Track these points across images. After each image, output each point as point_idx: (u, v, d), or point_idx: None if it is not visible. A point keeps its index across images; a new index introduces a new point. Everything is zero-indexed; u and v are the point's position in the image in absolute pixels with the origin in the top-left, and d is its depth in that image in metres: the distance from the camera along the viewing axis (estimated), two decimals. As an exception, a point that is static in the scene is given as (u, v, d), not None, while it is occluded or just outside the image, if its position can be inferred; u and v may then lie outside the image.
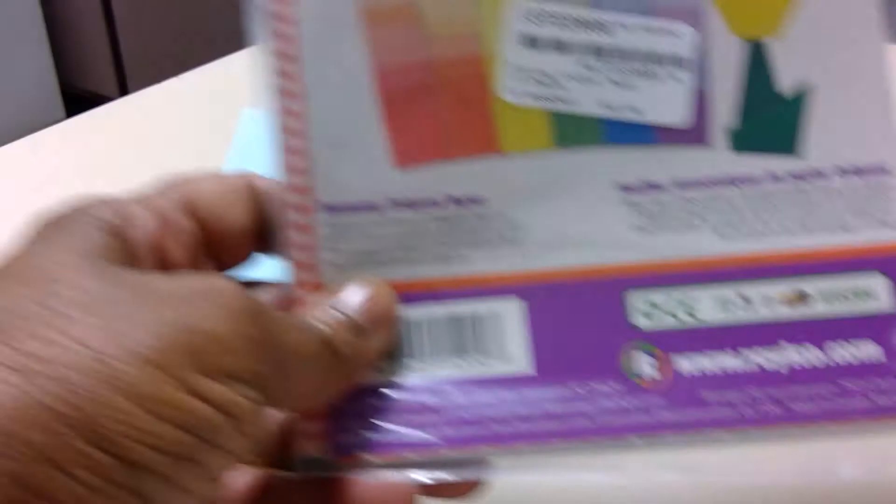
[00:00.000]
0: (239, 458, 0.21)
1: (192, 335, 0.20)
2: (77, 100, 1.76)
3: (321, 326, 0.24)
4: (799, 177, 0.28)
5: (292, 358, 0.23)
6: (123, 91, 1.79)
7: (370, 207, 0.27)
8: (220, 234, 0.27)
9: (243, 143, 0.58)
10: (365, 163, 0.27)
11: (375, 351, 0.26)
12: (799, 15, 0.28)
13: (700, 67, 0.28)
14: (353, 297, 0.25)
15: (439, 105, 0.27)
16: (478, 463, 0.26)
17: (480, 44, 0.27)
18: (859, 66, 0.28)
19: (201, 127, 0.61)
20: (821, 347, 0.26)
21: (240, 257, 0.28)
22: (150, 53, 1.75)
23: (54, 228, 0.23)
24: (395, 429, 0.26)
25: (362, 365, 0.25)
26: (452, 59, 0.27)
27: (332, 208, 0.26)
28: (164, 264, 0.25)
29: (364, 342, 0.25)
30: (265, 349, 0.21)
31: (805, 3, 0.28)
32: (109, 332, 0.19)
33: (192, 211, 0.26)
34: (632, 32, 0.28)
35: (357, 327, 0.25)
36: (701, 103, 0.28)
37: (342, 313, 0.25)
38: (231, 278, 0.22)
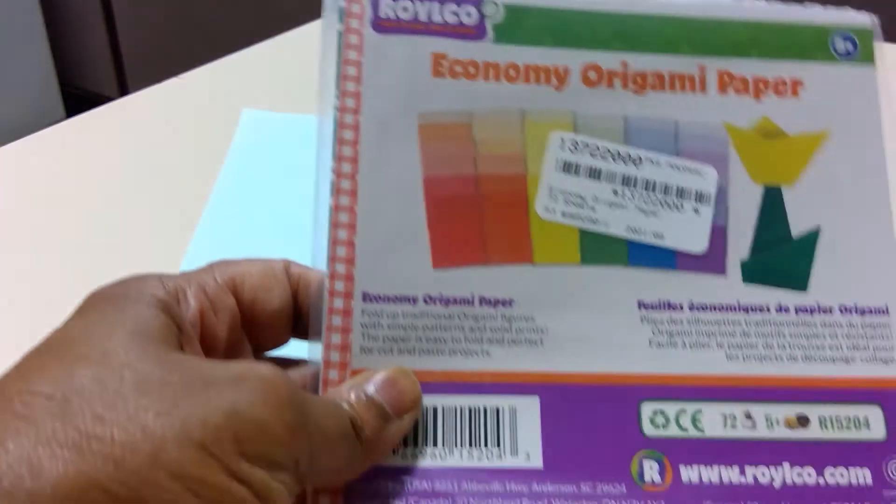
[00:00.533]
0: None
1: (238, 421, 0.21)
2: (77, 99, 1.75)
3: (350, 410, 0.26)
4: (804, 310, 0.30)
5: (324, 442, 0.24)
6: (123, 91, 1.78)
7: (405, 300, 0.29)
8: (259, 315, 0.29)
9: (243, 143, 0.58)
10: (405, 260, 0.29)
11: (398, 436, 0.27)
12: (812, 167, 0.31)
13: (720, 204, 0.31)
14: (382, 384, 0.27)
15: (480, 215, 0.30)
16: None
17: (523, 165, 0.31)
18: (866, 215, 0.31)
19: (201, 127, 0.61)
20: (818, 470, 0.27)
21: (276, 338, 0.30)
22: (151, 53, 1.75)
23: (112, 307, 0.24)
24: None
25: (385, 449, 0.27)
26: (496, 176, 0.30)
27: (370, 297, 0.29)
28: (207, 340, 0.27)
29: (388, 428, 0.26)
30: (302, 436, 0.23)
31: (818, 157, 0.31)
32: (162, 414, 0.20)
33: (236, 292, 0.28)
34: (660, 168, 0.31)
35: (384, 413, 0.26)
36: (719, 236, 0.30)
37: (371, 399, 0.26)
38: (273, 365, 0.24)
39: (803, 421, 0.28)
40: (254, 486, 0.21)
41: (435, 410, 0.28)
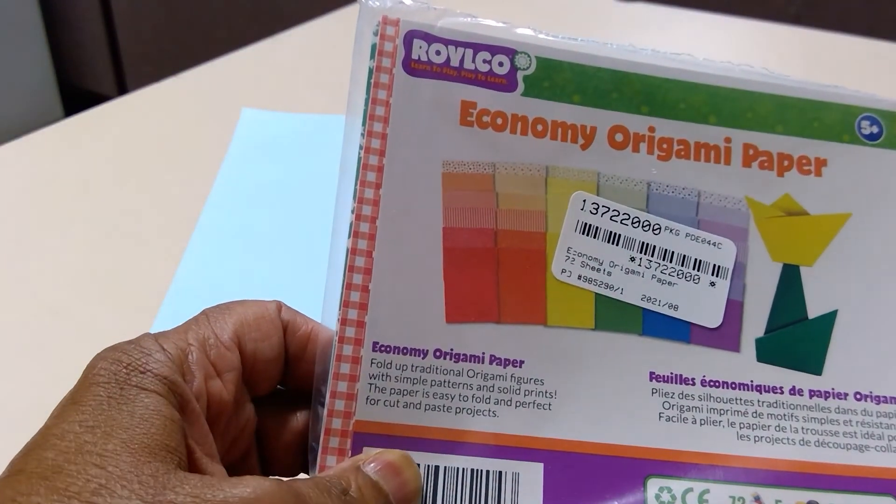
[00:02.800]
0: None
1: None
2: (76, 98, 1.74)
3: (359, 498, 0.24)
4: (819, 395, 0.29)
5: None
6: (122, 90, 1.77)
7: (415, 352, 0.28)
8: (258, 365, 0.28)
9: (242, 142, 0.58)
10: (419, 312, 0.28)
11: None
12: (832, 248, 0.31)
13: (737, 279, 0.30)
14: (386, 469, 0.26)
15: (496, 271, 0.29)
16: None
17: (544, 223, 0.30)
18: (884, 301, 0.30)
19: (200, 126, 0.61)
20: None
21: (270, 384, 0.29)
22: (149, 52, 1.74)
23: (114, 399, 0.23)
24: None
25: None
26: (516, 232, 0.30)
27: (380, 347, 0.28)
28: (214, 406, 0.26)
29: None
30: None
31: (838, 239, 0.31)
32: None
33: (240, 345, 0.27)
34: (679, 238, 0.31)
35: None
36: (735, 311, 0.30)
37: (378, 487, 0.25)
38: (278, 482, 0.23)
39: None
40: None
41: (436, 470, 0.27)
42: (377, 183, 0.29)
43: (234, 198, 0.52)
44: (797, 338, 0.30)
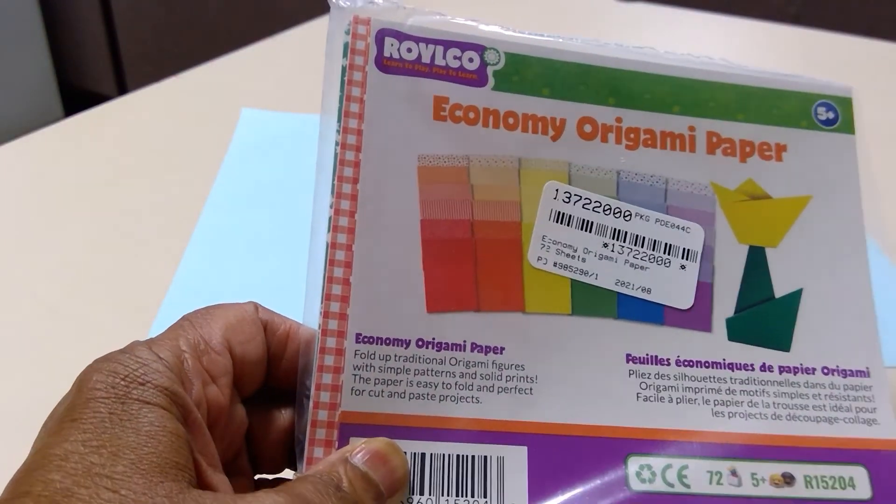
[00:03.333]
0: None
1: None
2: (76, 98, 1.73)
3: (349, 491, 0.25)
4: (788, 370, 0.30)
5: None
6: (122, 90, 1.76)
7: (398, 342, 0.29)
8: (246, 367, 0.28)
9: (242, 142, 0.58)
10: (400, 303, 0.29)
11: None
12: (795, 230, 0.32)
13: (706, 262, 0.31)
14: (373, 458, 0.26)
15: (475, 261, 0.30)
16: None
17: (518, 213, 0.31)
18: (846, 278, 0.32)
19: (200, 126, 0.61)
20: None
21: (255, 385, 0.29)
22: (149, 52, 1.74)
23: (115, 415, 0.23)
24: None
25: None
26: (492, 223, 0.30)
27: (363, 338, 0.28)
28: (213, 411, 0.26)
29: None
30: None
31: (800, 220, 0.32)
32: None
33: (230, 349, 0.27)
34: (649, 223, 0.31)
35: (379, 494, 0.26)
36: (705, 293, 0.31)
37: (367, 478, 0.26)
38: (289, 493, 0.23)
39: (789, 479, 0.29)
40: None
41: (423, 457, 0.28)
42: (354, 178, 0.29)
43: (234, 198, 0.52)
44: (765, 316, 0.31)
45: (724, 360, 0.30)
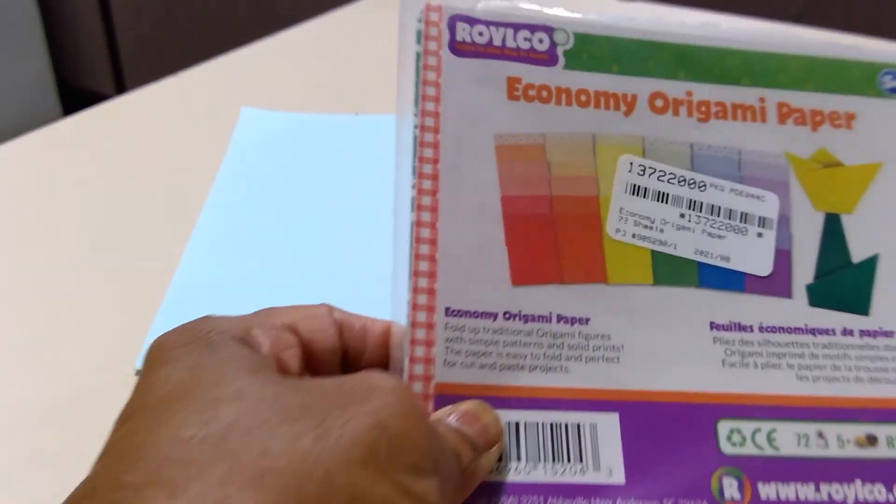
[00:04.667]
0: None
1: (387, 435, 0.21)
2: (74, 98, 1.73)
3: (451, 442, 0.26)
4: (868, 334, 0.31)
5: (441, 453, 0.24)
6: (121, 89, 1.75)
7: (486, 315, 0.29)
8: (316, 354, 0.28)
9: (242, 142, 0.57)
10: (485, 276, 0.30)
11: (487, 470, 0.27)
12: (868, 195, 0.32)
13: (783, 230, 0.32)
14: (466, 417, 0.27)
15: (555, 235, 0.31)
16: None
17: (595, 187, 0.31)
18: None
19: (199, 125, 0.61)
20: (888, 487, 0.28)
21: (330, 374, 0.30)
22: (148, 51, 1.73)
23: (202, 351, 0.24)
24: None
25: (476, 481, 0.27)
26: (569, 198, 0.31)
27: (452, 312, 0.29)
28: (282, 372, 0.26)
29: (479, 460, 0.27)
30: (435, 442, 0.23)
31: (873, 186, 0.32)
32: (318, 438, 0.20)
33: (294, 332, 0.28)
34: (724, 193, 0.32)
35: (475, 445, 0.26)
36: (784, 260, 0.31)
37: (462, 431, 0.26)
38: (388, 374, 0.24)
39: (872, 440, 0.29)
40: (417, 496, 0.21)
41: (517, 426, 0.28)
42: (434, 158, 0.30)
43: (233, 197, 0.51)
44: (844, 282, 0.31)
45: (805, 325, 0.31)
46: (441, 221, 0.30)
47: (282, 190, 0.52)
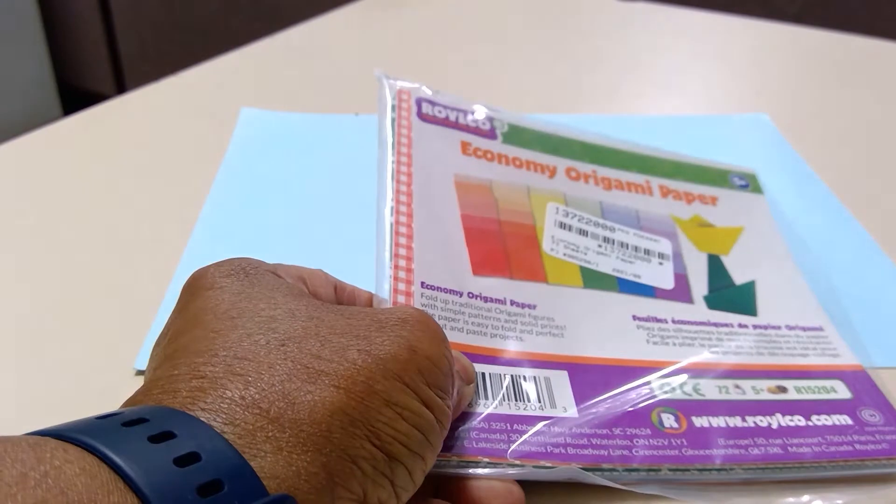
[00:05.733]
0: (435, 457, 0.26)
1: (418, 357, 0.25)
2: (74, 98, 1.61)
3: None
4: (760, 327, 0.38)
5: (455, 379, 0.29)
6: (121, 89, 1.62)
7: (454, 292, 0.35)
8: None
9: (242, 142, 0.56)
10: (452, 266, 0.36)
11: (469, 397, 0.31)
12: (738, 244, 0.42)
13: (678, 260, 0.40)
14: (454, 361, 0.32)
15: (504, 245, 0.38)
16: (536, 472, 0.30)
17: (532, 219, 0.39)
18: (782, 273, 0.41)
19: (199, 125, 0.59)
20: (806, 417, 0.33)
21: None
22: (148, 52, 1.64)
23: (246, 279, 0.27)
24: (474, 441, 0.30)
25: (463, 405, 0.31)
26: (513, 223, 0.39)
27: (426, 285, 0.34)
28: None
29: (465, 390, 0.31)
30: (453, 368, 0.28)
31: (740, 239, 0.42)
32: (362, 352, 0.24)
33: (304, 283, 0.31)
34: (629, 235, 0.40)
35: (461, 377, 0.31)
36: (682, 279, 0.39)
37: (455, 369, 0.31)
38: (419, 308, 0.28)
39: (782, 389, 0.35)
40: (435, 410, 0.25)
41: (484, 375, 0.33)
42: (408, 182, 0.38)
43: (233, 197, 0.51)
44: (732, 295, 0.39)
45: (708, 320, 0.38)
46: (415, 223, 0.36)
47: (282, 189, 0.51)
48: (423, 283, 0.34)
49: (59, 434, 0.19)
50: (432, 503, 0.28)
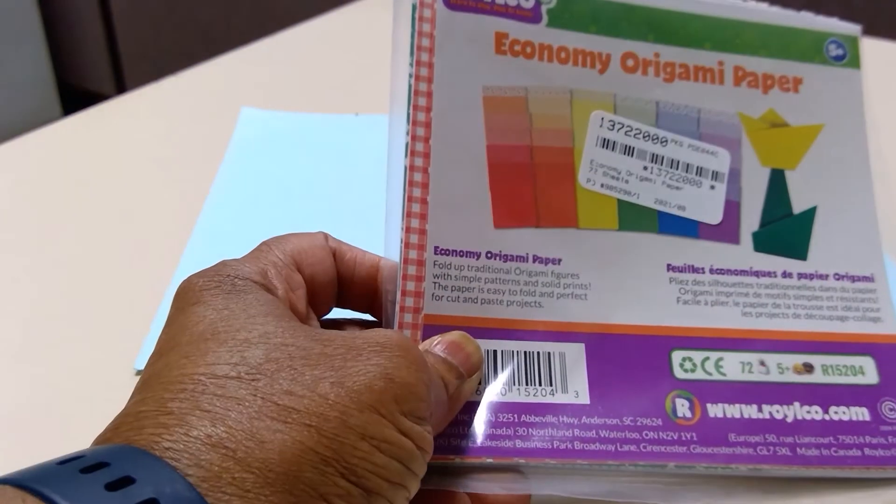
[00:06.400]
0: (419, 483, 0.26)
1: (394, 385, 0.24)
2: (74, 98, 1.71)
3: (439, 372, 0.29)
4: (805, 276, 0.35)
5: (435, 388, 0.27)
6: (121, 89, 1.73)
7: (470, 254, 0.32)
8: (317, 287, 0.31)
9: (242, 141, 0.57)
10: (471, 219, 0.32)
11: (469, 393, 0.30)
12: (810, 154, 0.36)
13: (733, 183, 0.35)
14: (450, 347, 0.30)
15: (534, 182, 0.34)
16: (539, 471, 0.30)
17: (571, 139, 0.34)
18: (853, 196, 0.36)
19: (199, 125, 0.61)
20: (824, 409, 0.32)
21: (325, 307, 0.32)
22: (148, 51, 1.72)
23: (229, 295, 0.26)
24: (478, 438, 0.30)
25: (460, 404, 0.30)
26: (548, 148, 0.34)
27: (440, 251, 0.32)
28: (295, 314, 0.29)
29: (463, 385, 0.30)
30: (431, 393, 0.26)
31: (815, 146, 0.36)
32: (335, 384, 0.23)
33: (300, 268, 0.30)
34: (683, 148, 0.35)
35: (459, 374, 0.30)
36: (733, 210, 0.35)
37: (447, 361, 0.29)
38: (397, 332, 0.27)
39: (808, 367, 0.33)
40: (414, 438, 0.24)
41: (495, 353, 0.32)
42: (427, 107, 0.32)
43: (233, 197, 0.51)
44: (786, 230, 0.35)
45: (750, 268, 0.35)
46: (433, 167, 0.32)
47: (282, 189, 0.52)
48: (436, 249, 0.32)
49: (19, 482, 0.20)
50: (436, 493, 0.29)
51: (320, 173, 0.54)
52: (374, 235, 0.33)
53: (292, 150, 0.56)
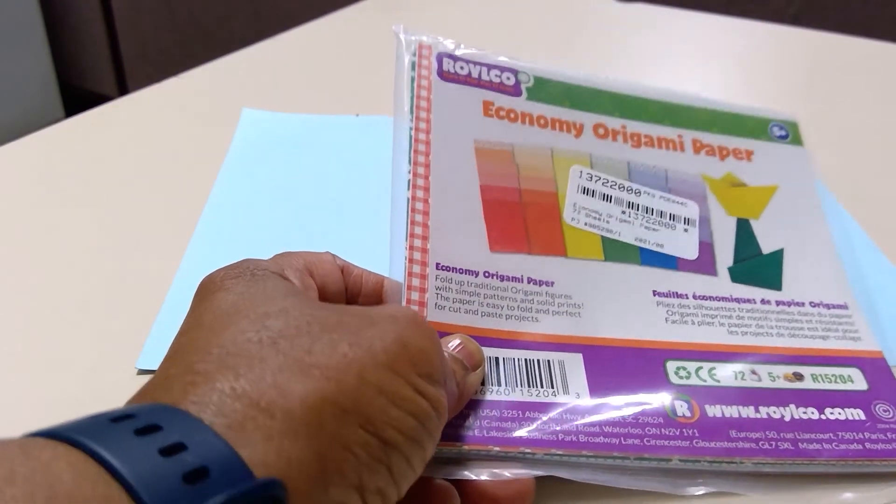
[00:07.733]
0: (434, 446, 0.26)
1: (409, 349, 0.25)
2: (76, 99, 1.67)
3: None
4: (783, 303, 0.37)
5: (447, 373, 0.29)
6: (123, 90, 1.69)
7: (469, 272, 0.35)
8: (328, 295, 0.33)
9: (243, 143, 0.57)
10: (468, 243, 0.35)
11: (475, 386, 0.32)
12: (770, 207, 0.40)
13: (704, 227, 0.39)
14: (455, 347, 0.32)
15: (524, 217, 0.37)
16: (547, 461, 0.30)
17: (554, 186, 0.38)
18: (813, 240, 0.39)
19: (201, 126, 0.60)
20: (819, 410, 0.33)
21: None
22: (150, 53, 1.70)
23: (250, 281, 0.28)
24: (485, 430, 0.31)
25: (468, 396, 0.31)
26: (534, 191, 0.38)
27: (441, 266, 0.34)
28: None
29: (469, 378, 0.31)
30: (445, 361, 0.28)
31: (773, 200, 0.40)
32: (353, 345, 0.25)
33: (312, 276, 0.32)
34: (655, 199, 0.39)
35: (464, 366, 0.31)
36: (707, 248, 0.38)
37: (453, 355, 0.31)
38: (410, 308, 0.28)
39: (799, 376, 0.34)
40: (430, 398, 0.26)
41: (497, 360, 0.33)
42: (426, 152, 0.37)
43: (234, 197, 0.51)
44: (758, 266, 0.38)
45: (730, 295, 0.37)
46: (433, 197, 0.36)
47: (283, 190, 0.52)
48: (438, 265, 0.34)
49: (48, 433, 0.20)
50: (436, 484, 0.29)
51: (321, 173, 0.54)
52: (375, 235, 0.35)
53: (293, 151, 0.56)
